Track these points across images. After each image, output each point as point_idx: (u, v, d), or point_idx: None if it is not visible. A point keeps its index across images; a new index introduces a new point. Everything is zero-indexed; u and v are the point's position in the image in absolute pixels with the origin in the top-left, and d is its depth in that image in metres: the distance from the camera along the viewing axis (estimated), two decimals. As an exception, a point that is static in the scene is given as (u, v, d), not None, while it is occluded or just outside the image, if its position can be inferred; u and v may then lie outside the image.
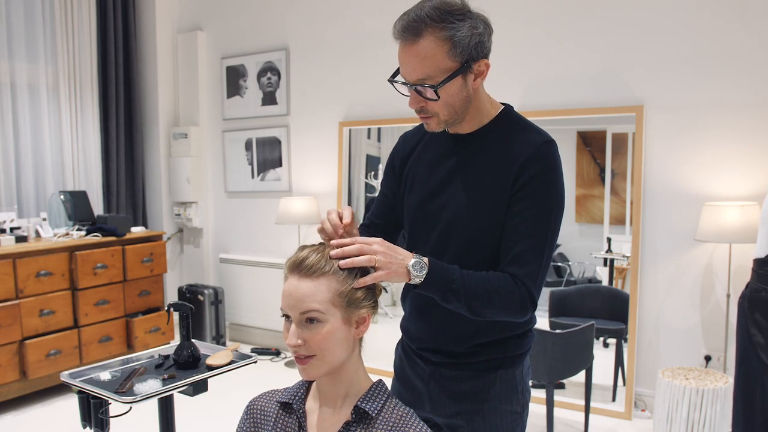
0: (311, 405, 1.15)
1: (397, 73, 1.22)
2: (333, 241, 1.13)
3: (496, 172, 1.24)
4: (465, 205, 1.26)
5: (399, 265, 1.12)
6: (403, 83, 1.20)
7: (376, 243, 1.13)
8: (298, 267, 1.07)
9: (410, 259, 1.14)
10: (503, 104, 1.33)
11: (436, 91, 1.17)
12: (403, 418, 1.09)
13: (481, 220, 1.25)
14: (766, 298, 1.95)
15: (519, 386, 1.35)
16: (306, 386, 1.18)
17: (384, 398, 1.11)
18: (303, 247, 1.12)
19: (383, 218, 1.47)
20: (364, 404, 1.09)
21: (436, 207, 1.31)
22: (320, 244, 1.14)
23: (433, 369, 1.37)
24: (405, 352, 1.46)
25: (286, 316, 1.08)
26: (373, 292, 1.13)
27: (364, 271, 1.11)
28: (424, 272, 1.14)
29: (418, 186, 1.35)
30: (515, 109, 1.34)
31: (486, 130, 1.29)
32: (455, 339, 1.32)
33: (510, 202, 1.22)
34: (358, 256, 1.09)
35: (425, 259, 1.16)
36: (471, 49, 1.16)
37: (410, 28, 1.15)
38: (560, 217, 1.25)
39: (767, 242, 1.99)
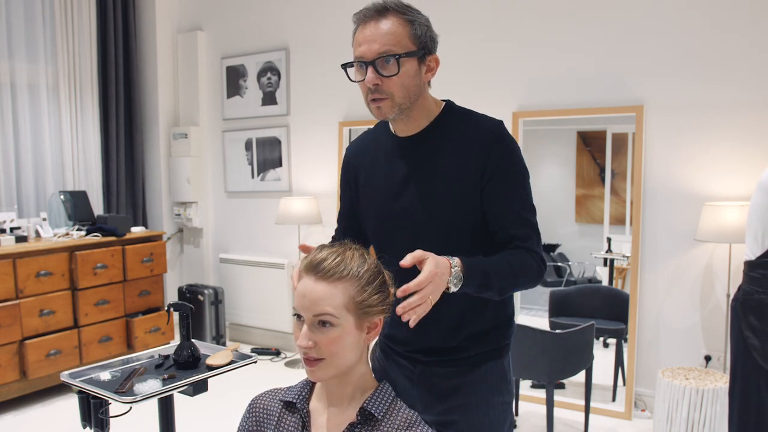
0: (315, 405, 1.14)
1: (350, 64, 1.27)
2: (400, 307, 1.04)
3: (458, 162, 1.28)
4: (432, 201, 1.29)
5: (444, 287, 1.10)
6: (361, 63, 1.24)
7: (427, 278, 1.05)
8: (315, 268, 1.05)
9: (449, 275, 1.11)
10: (444, 101, 1.37)
11: (398, 61, 1.21)
12: (407, 421, 1.08)
13: (453, 212, 1.28)
14: (760, 300, 1.94)
15: (507, 376, 1.38)
16: (310, 386, 1.17)
17: (389, 400, 1.11)
18: (322, 247, 1.09)
19: (351, 231, 1.46)
20: (369, 406, 1.09)
21: (399, 209, 1.32)
22: (340, 244, 1.10)
23: (423, 368, 1.36)
24: (386, 354, 1.45)
25: (298, 316, 1.06)
26: (387, 297, 1.11)
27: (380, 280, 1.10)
28: (461, 284, 1.13)
29: (373, 192, 1.38)
30: (466, 101, 1.39)
31: (434, 126, 1.33)
32: (446, 334, 1.33)
33: (486, 188, 1.27)
34: (420, 305, 1.05)
35: (458, 267, 1.13)
36: (427, 40, 1.26)
37: (374, 9, 1.23)
38: (529, 181, 1.33)
39: (756, 244, 1.98)
